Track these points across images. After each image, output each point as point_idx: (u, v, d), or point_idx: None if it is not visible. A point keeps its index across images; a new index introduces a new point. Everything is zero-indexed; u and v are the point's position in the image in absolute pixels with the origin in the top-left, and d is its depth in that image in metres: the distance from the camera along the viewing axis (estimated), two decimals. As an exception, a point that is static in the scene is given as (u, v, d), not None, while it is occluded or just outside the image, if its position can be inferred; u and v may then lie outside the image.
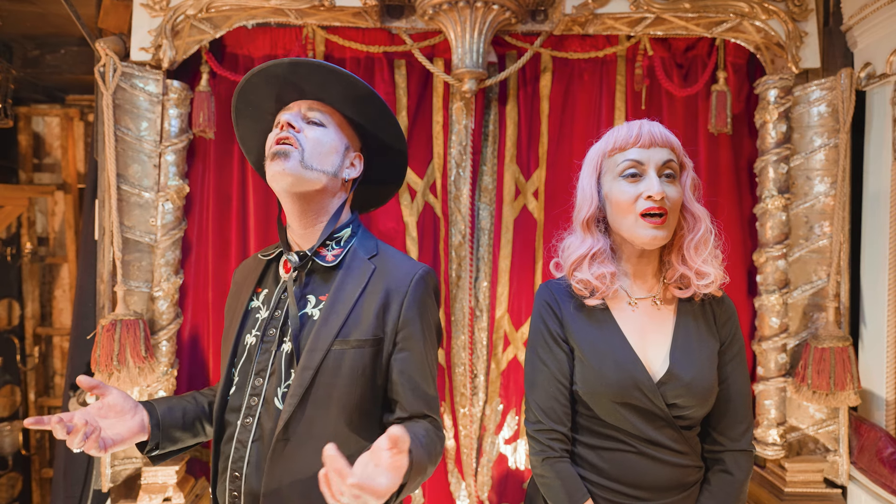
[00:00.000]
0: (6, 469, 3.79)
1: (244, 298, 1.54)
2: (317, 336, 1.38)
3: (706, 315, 1.50)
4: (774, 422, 2.34)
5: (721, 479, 1.47)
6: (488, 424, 2.58)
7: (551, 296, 1.54)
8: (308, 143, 1.43)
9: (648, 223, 1.40)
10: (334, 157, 1.47)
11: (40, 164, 4.02)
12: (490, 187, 2.57)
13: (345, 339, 1.39)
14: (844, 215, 2.29)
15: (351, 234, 1.53)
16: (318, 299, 1.45)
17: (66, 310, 4.05)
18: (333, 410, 1.38)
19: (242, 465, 1.38)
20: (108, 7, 2.36)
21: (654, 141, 1.42)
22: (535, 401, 1.49)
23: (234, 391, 1.45)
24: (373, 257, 1.50)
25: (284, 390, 1.38)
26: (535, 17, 2.41)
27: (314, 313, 1.43)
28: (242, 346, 1.48)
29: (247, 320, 1.51)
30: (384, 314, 1.43)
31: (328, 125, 1.49)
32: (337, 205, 1.52)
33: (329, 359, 1.37)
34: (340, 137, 1.50)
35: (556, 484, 1.44)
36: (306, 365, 1.36)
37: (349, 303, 1.42)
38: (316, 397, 1.36)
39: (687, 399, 1.40)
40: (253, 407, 1.40)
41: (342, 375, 1.38)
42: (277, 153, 1.41)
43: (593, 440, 1.46)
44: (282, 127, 1.45)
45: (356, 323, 1.41)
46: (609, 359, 1.43)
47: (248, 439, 1.38)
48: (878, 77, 2.21)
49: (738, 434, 1.48)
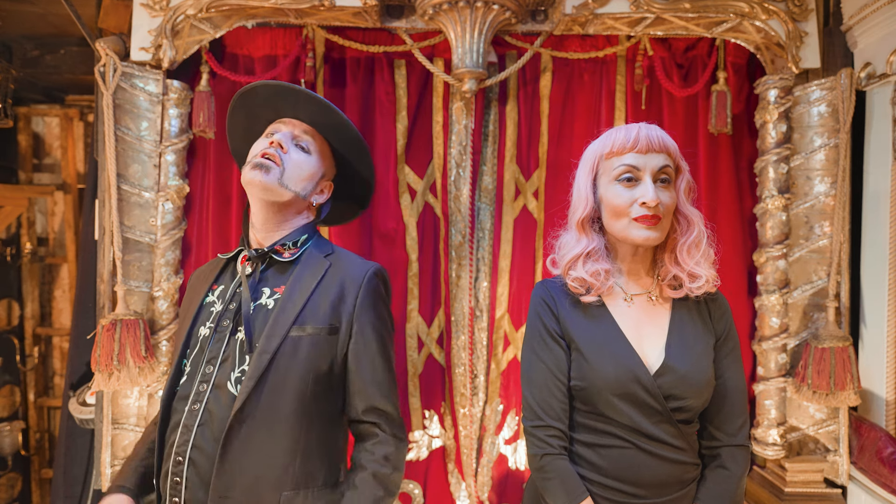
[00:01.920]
0: (6, 469, 3.78)
1: (199, 296, 1.59)
2: (274, 322, 1.44)
3: (701, 311, 1.52)
4: (774, 422, 2.34)
5: (718, 475, 1.47)
6: (488, 425, 2.58)
7: (547, 293, 1.56)
8: (289, 165, 1.56)
9: (642, 224, 1.42)
10: (307, 183, 1.60)
11: (40, 165, 4.02)
12: (490, 187, 2.57)
13: (301, 326, 1.45)
14: (844, 215, 2.29)
15: (307, 238, 1.63)
16: (273, 290, 1.52)
17: (66, 310, 4.05)
18: (288, 395, 1.42)
19: (186, 449, 1.39)
20: (108, 7, 2.36)
21: (652, 146, 1.44)
22: (533, 397, 1.50)
23: (184, 381, 1.48)
24: (328, 255, 1.60)
25: (238, 375, 1.41)
26: (535, 17, 2.41)
27: (269, 303, 1.50)
28: (195, 338, 1.52)
29: (200, 314, 1.56)
30: (339, 305, 1.51)
31: (312, 152, 1.62)
32: (301, 222, 1.63)
33: (286, 344, 1.43)
34: (319, 166, 1.64)
35: (555, 481, 1.44)
36: (264, 349, 1.41)
37: (306, 292, 1.49)
38: (272, 382, 1.41)
39: (683, 391, 1.41)
40: (202, 393, 1.42)
41: (298, 361, 1.43)
42: (259, 164, 1.52)
43: (591, 437, 1.47)
44: (272, 143, 1.56)
45: (313, 312, 1.48)
46: (606, 353, 1.44)
47: (194, 423, 1.40)
48: (878, 77, 2.21)
49: (735, 429, 1.49)
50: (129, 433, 2.30)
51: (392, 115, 2.52)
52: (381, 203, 2.53)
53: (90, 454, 2.92)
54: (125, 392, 2.29)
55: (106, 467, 2.26)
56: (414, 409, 2.58)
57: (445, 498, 2.60)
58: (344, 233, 2.49)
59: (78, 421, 2.62)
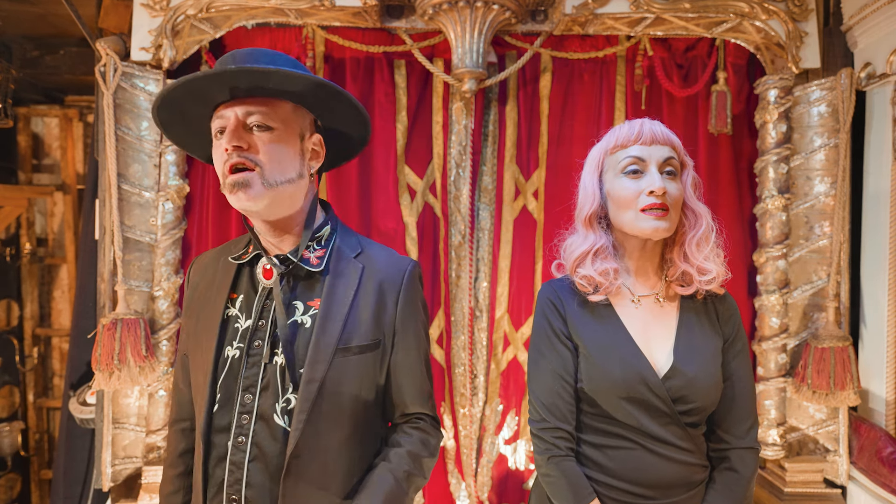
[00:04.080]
0: (5, 470, 3.78)
1: (217, 304, 1.40)
2: (316, 346, 1.30)
3: (709, 312, 1.51)
4: (774, 422, 2.34)
5: (727, 477, 1.46)
6: (488, 425, 2.58)
7: (554, 294, 1.54)
8: (264, 158, 1.28)
9: (650, 215, 1.41)
10: (296, 161, 1.34)
11: (39, 165, 4.02)
12: (490, 187, 2.57)
13: (346, 347, 1.33)
14: (844, 215, 2.29)
15: (331, 231, 1.44)
16: (307, 305, 1.35)
17: (65, 311, 4.05)
18: (343, 421, 1.33)
19: (240, 489, 1.28)
20: (109, 7, 2.36)
21: (656, 138, 1.44)
22: (540, 399, 1.49)
23: (217, 409, 1.33)
24: (358, 255, 1.42)
25: (283, 405, 1.30)
26: (535, 17, 2.41)
27: (305, 321, 1.34)
28: (224, 360, 1.35)
29: (225, 331, 1.37)
30: (381, 315, 1.38)
31: (275, 123, 1.30)
32: (309, 202, 1.41)
33: (333, 369, 1.31)
34: (293, 130, 1.34)
35: (562, 483, 1.43)
36: (310, 377, 1.29)
37: (344, 308, 1.34)
38: (325, 411, 1.30)
39: (692, 394, 1.41)
40: (244, 425, 1.30)
41: (348, 383, 1.33)
42: (236, 184, 1.26)
43: (598, 439, 1.46)
44: (227, 150, 1.27)
45: (355, 328, 1.35)
46: (614, 355, 1.43)
47: (244, 460, 1.29)
48: (878, 77, 2.21)
49: (744, 431, 1.48)
50: (129, 433, 2.30)
51: (392, 115, 2.52)
52: (381, 203, 2.53)
53: (90, 454, 2.92)
54: (126, 391, 2.29)
55: (106, 467, 2.25)
56: (414, 409, 2.57)
57: (445, 498, 2.59)
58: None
59: (78, 421, 2.62)
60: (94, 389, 2.22)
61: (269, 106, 1.30)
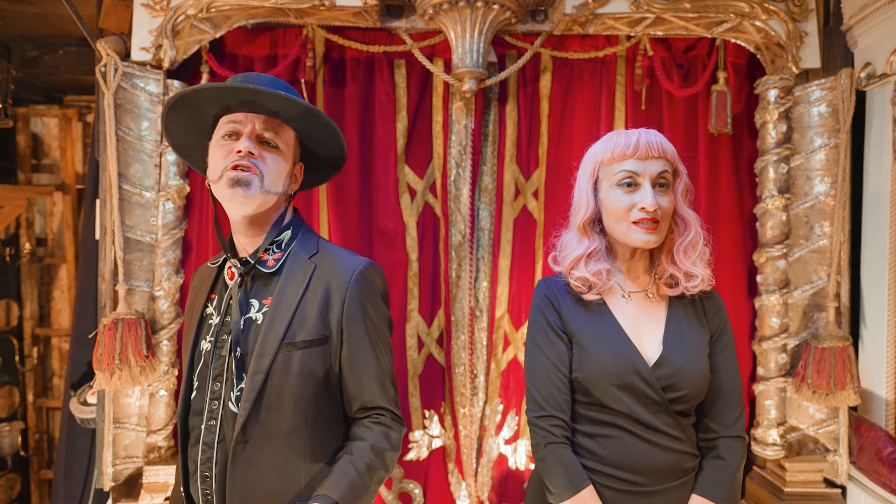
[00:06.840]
0: (5, 470, 3.78)
1: (200, 304, 1.57)
2: (264, 340, 1.43)
3: (696, 308, 1.59)
4: (774, 422, 2.34)
5: (714, 465, 1.53)
6: (488, 425, 2.58)
7: (550, 290, 1.63)
8: (267, 170, 1.45)
9: (641, 227, 1.49)
10: (286, 179, 1.52)
11: (38, 165, 4.02)
12: (490, 187, 2.57)
13: (291, 342, 1.44)
14: (844, 215, 2.29)
15: (291, 235, 1.56)
16: (262, 303, 1.49)
17: (65, 311, 4.05)
18: (287, 411, 1.43)
19: (211, 466, 1.43)
20: (109, 7, 2.36)
21: (651, 153, 1.49)
22: (536, 389, 1.56)
23: (195, 395, 1.49)
24: (313, 255, 1.53)
25: (237, 394, 1.43)
26: (535, 17, 2.41)
27: (258, 317, 1.47)
28: (199, 352, 1.52)
29: (202, 327, 1.54)
30: (327, 312, 1.48)
31: (281, 146, 1.50)
32: (281, 212, 1.56)
33: (277, 362, 1.42)
34: (289, 157, 1.53)
35: (558, 469, 1.49)
36: (256, 369, 1.41)
37: (292, 305, 1.46)
38: (269, 400, 1.41)
39: (680, 382, 1.48)
40: (214, 410, 1.45)
41: (292, 376, 1.43)
42: (238, 181, 1.42)
43: (592, 428, 1.53)
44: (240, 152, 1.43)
45: (301, 324, 1.45)
46: (607, 346, 1.51)
47: (213, 441, 1.43)
48: (878, 77, 2.21)
49: (731, 421, 1.55)
50: (130, 432, 2.30)
51: (392, 114, 2.52)
52: (381, 203, 2.54)
53: (91, 454, 2.92)
54: (126, 391, 2.29)
55: (107, 467, 2.25)
56: (414, 409, 2.58)
57: (446, 498, 2.60)
58: (344, 232, 2.50)
59: (79, 420, 2.62)
60: (95, 389, 2.22)
61: (281, 129, 1.51)
